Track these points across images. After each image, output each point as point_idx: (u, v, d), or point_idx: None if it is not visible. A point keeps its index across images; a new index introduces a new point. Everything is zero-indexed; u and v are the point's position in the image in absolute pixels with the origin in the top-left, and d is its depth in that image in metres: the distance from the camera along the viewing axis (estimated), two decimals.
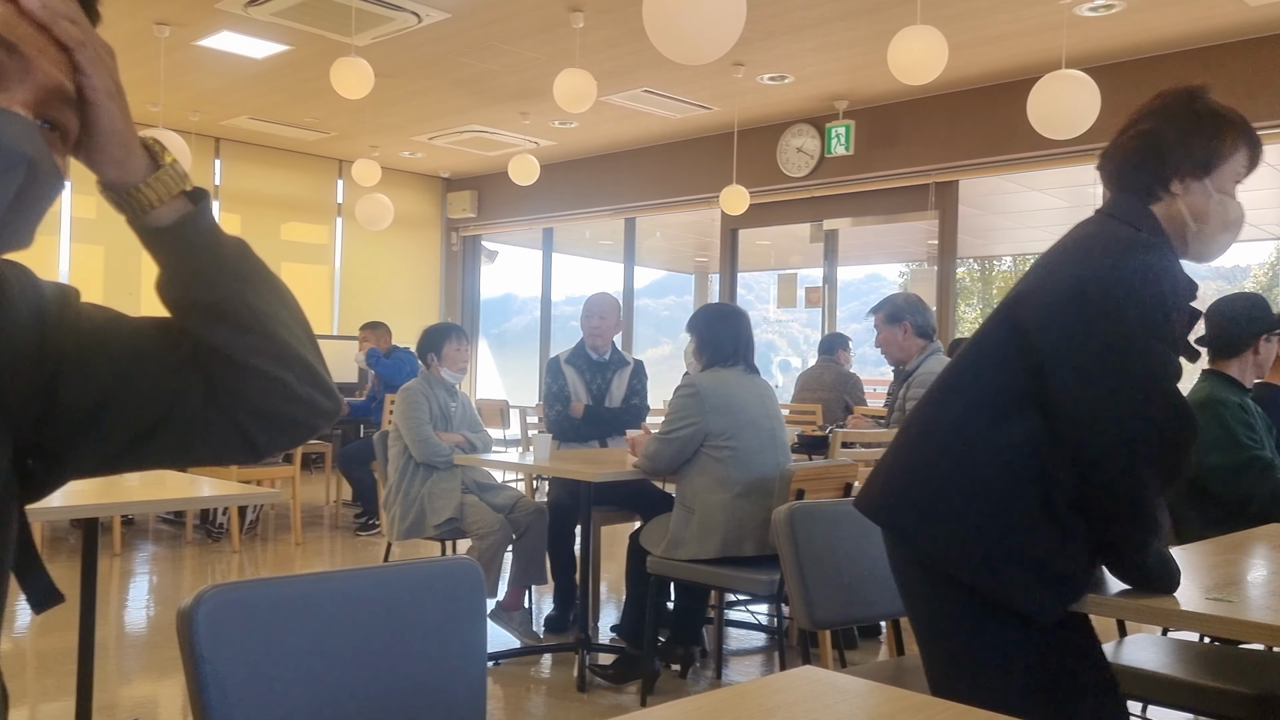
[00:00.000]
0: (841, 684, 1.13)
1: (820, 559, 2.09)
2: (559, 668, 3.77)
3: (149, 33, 6.29)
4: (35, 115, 0.77)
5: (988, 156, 7.07)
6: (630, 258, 9.96)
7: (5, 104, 0.74)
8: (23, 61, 0.75)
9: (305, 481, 8.30)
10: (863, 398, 6.45)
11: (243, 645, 1.12)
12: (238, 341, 0.90)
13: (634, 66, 6.84)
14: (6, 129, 0.73)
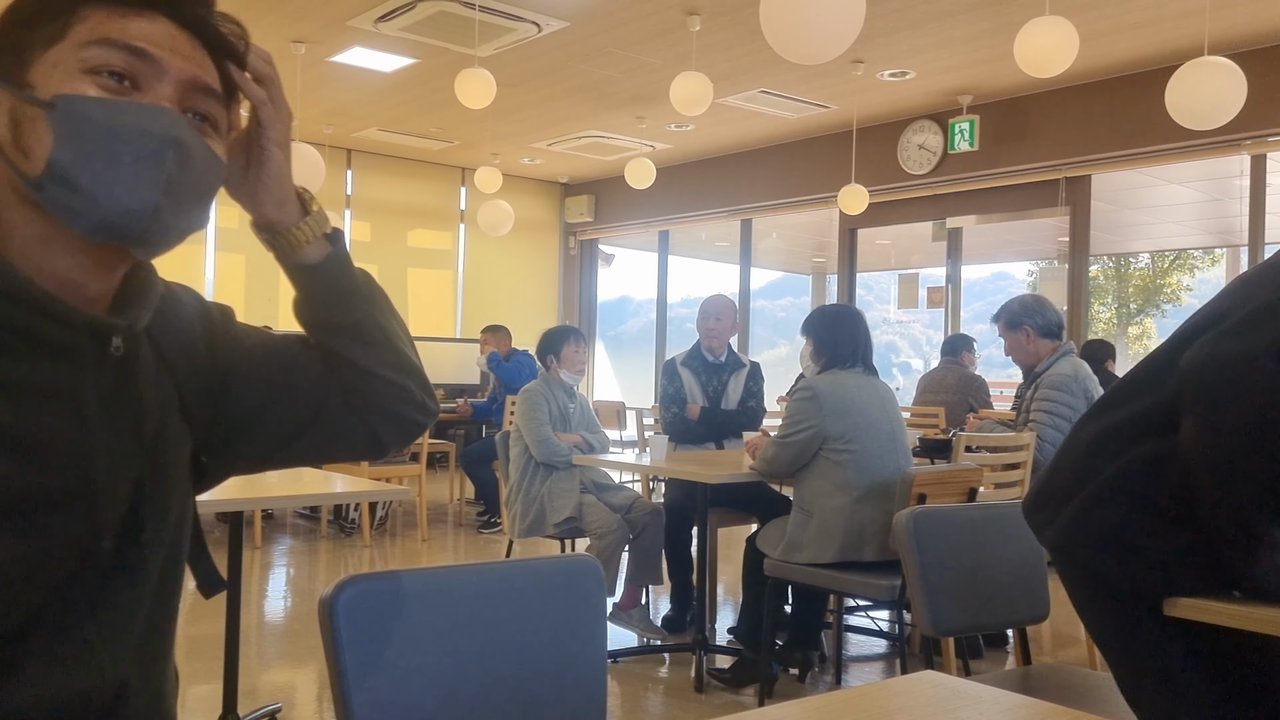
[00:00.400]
0: (964, 689, 1.11)
1: (944, 564, 2.05)
2: (676, 668, 3.79)
3: (287, 51, 6.60)
4: (180, 108, 0.86)
5: (1122, 149, 6.77)
6: (746, 259, 9.92)
7: (151, 100, 0.84)
8: (155, 64, 0.84)
9: (430, 480, 8.56)
10: (988, 400, 6.26)
11: (378, 632, 1.17)
12: (370, 355, 1.05)
13: (750, 68, 6.82)
14: (153, 119, 0.82)
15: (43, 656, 0.86)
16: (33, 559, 0.84)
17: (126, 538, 0.92)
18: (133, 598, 0.95)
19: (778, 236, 12.47)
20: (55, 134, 0.80)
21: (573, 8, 5.81)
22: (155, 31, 0.85)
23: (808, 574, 3.14)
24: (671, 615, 4.24)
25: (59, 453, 0.85)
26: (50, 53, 0.83)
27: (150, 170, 0.82)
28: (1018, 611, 2.20)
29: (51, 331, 0.84)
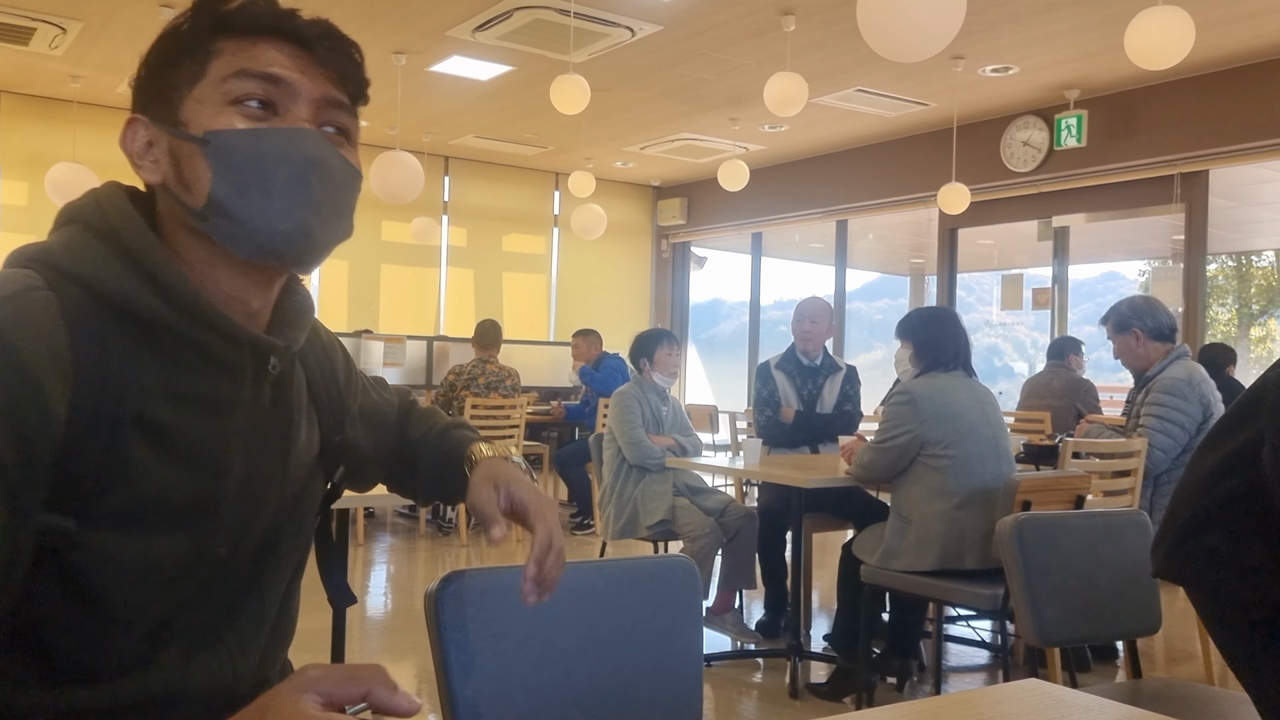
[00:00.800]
0: (1069, 699, 1.07)
1: (1049, 572, 1.98)
2: (771, 673, 3.76)
3: (388, 62, 6.78)
4: (316, 124, 0.93)
5: (1242, 143, 6.46)
6: (841, 260, 9.79)
7: (290, 123, 0.91)
8: (288, 87, 0.92)
9: None
10: (1097, 405, 6.04)
11: (479, 626, 1.19)
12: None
13: (847, 66, 6.73)
14: (295, 143, 0.90)
15: (181, 651, 0.92)
16: (184, 558, 0.90)
17: (267, 545, 0.99)
18: (267, 602, 1.02)
19: (874, 237, 12.27)
20: (212, 168, 0.89)
21: (666, 12, 5.82)
22: (283, 57, 0.92)
23: (906, 581, 3.07)
24: (765, 620, 4.20)
25: (217, 461, 0.92)
26: (195, 90, 0.91)
27: (299, 193, 0.90)
28: (1127, 623, 2.11)
29: (218, 347, 0.91)
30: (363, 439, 1.17)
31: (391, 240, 9.77)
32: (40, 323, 0.82)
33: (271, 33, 0.93)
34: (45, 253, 0.88)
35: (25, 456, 0.78)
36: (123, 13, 6.00)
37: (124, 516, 0.86)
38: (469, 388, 6.22)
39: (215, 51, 0.91)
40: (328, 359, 1.12)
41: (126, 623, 0.88)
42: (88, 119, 8.10)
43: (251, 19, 0.92)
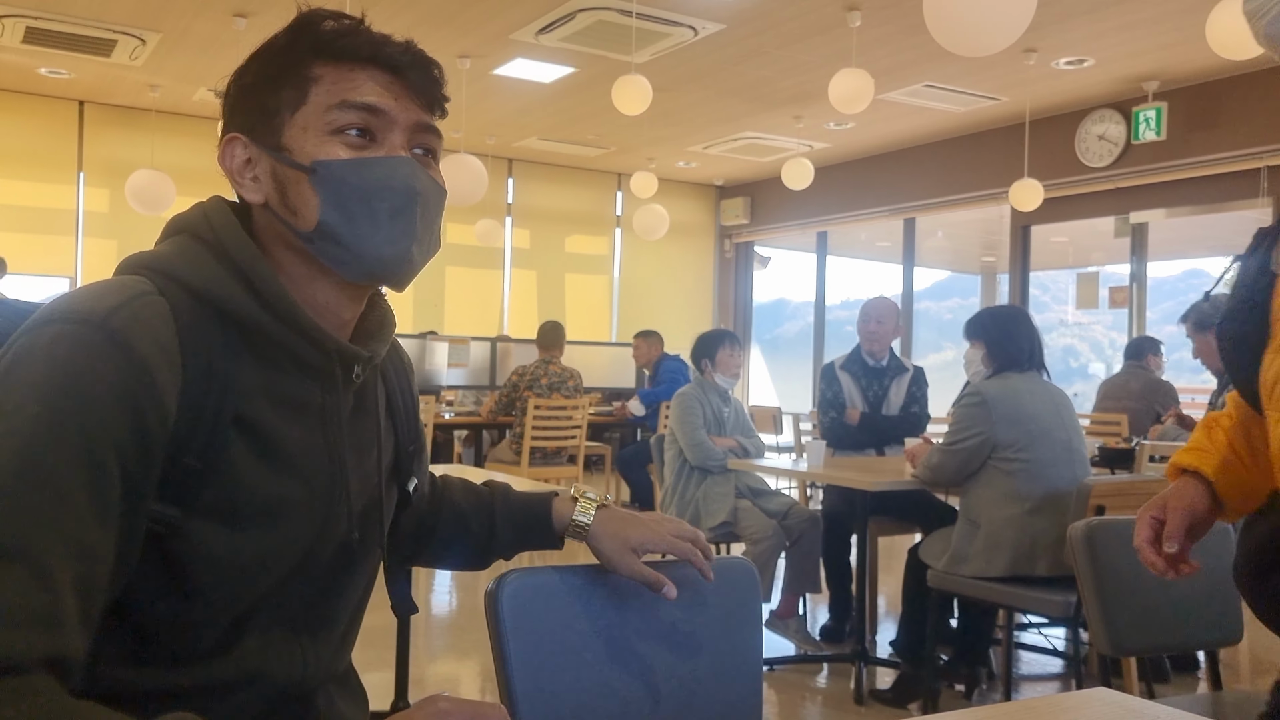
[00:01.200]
0: (1140, 709, 1.02)
1: (1124, 579, 1.91)
2: (835, 679, 3.71)
3: (453, 66, 6.86)
4: (409, 149, 0.99)
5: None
6: (909, 259, 9.63)
7: (389, 151, 0.96)
8: (385, 116, 0.96)
9: (587, 481, 8.70)
10: (1177, 408, 5.84)
11: (538, 624, 1.20)
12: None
13: (914, 61, 6.62)
14: (396, 173, 0.96)
15: (260, 641, 0.98)
16: (271, 554, 0.96)
17: (347, 548, 1.03)
18: (343, 603, 1.07)
19: (943, 235, 12.05)
20: (320, 196, 0.94)
21: (729, 10, 5.79)
22: (379, 86, 0.96)
23: (974, 587, 3.00)
24: (830, 625, 4.15)
25: (306, 462, 0.98)
26: (298, 116, 0.95)
27: (403, 223, 0.96)
28: (1207, 632, 2.03)
29: (309, 354, 0.97)
30: (417, 465, 1.21)
31: (456, 242, 9.89)
32: (154, 324, 0.88)
33: (368, 61, 0.96)
34: (156, 260, 0.94)
35: (143, 448, 0.84)
36: (199, 23, 6.16)
37: (220, 509, 0.91)
38: (532, 388, 6.26)
39: (314, 78, 0.95)
40: (405, 375, 1.17)
41: (214, 611, 0.93)
42: (166, 126, 8.35)
43: (351, 48, 0.96)
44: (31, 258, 8.06)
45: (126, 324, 0.85)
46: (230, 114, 1.00)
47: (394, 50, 0.97)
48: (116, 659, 0.90)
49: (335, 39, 0.96)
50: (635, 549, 1.18)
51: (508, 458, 6.35)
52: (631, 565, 1.18)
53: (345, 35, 0.96)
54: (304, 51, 0.96)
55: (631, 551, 1.18)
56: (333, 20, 0.98)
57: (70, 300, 0.87)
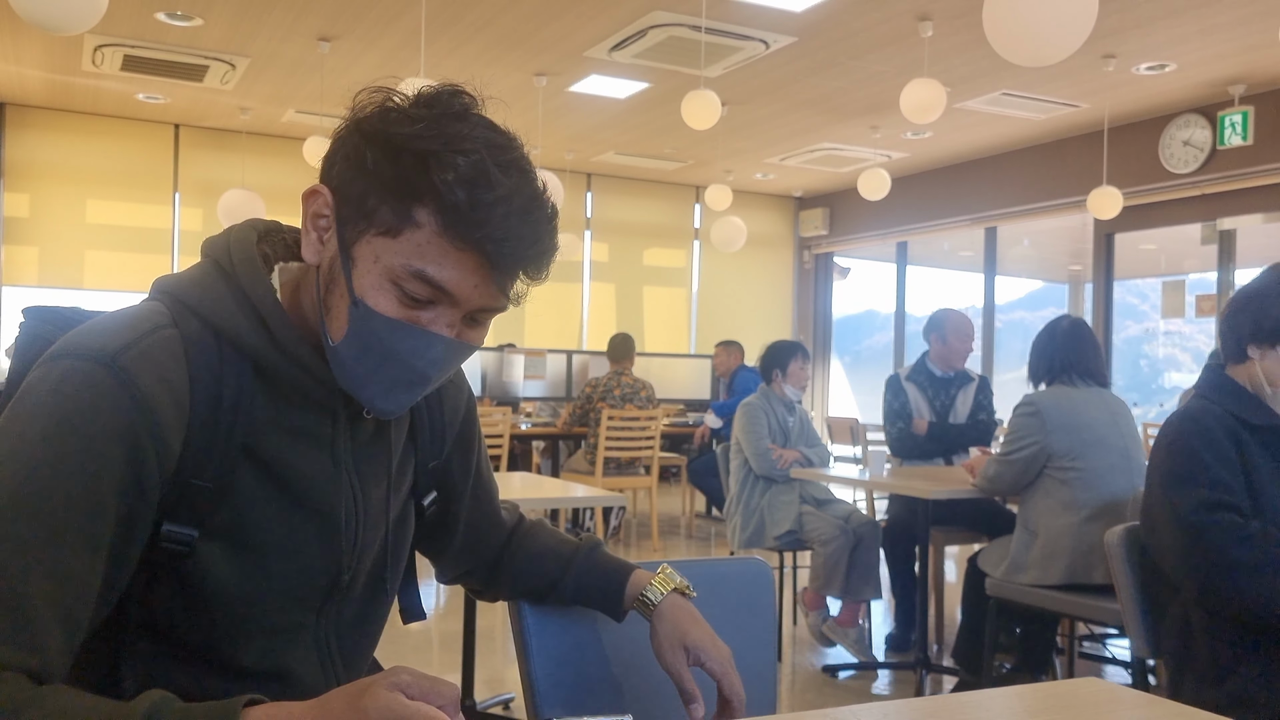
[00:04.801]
0: (1128, 697, 1.06)
1: (1163, 586, 1.91)
2: (899, 686, 3.71)
3: (529, 84, 7.05)
4: (460, 323, 0.94)
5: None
6: (990, 268, 9.48)
7: (435, 325, 0.92)
8: (454, 298, 0.92)
9: (664, 493, 8.78)
10: None
11: (562, 625, 1.27)
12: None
13: (991, 70, 6.55)
14: (424, 352, 0.93)
15: (295, 658, 1.02)
16: (295, 581, 0.99)
17: (375, 572, 1.09)
18: (374, 622, 1.12)
19: (1029, 244, 11.81)
20: (350, 328, 0.92)
21: (800, 23, 5.84)
22: (467, 273, 0.90)
23: (1032, 595, 2.99)
24: (896, 633, 4.15)
25: (321, 492, 1.00)
26: (379, 241, 0.90)
27: (403, 394, 0.96)
28: None
29: (317, 391, 0.98)
30: (460, 482, 1.21)
31: None
32: (163, 360, 0.91)
33: (474, 247, 0.89)
34: (178, 287, 0.97)
35: (141, 485, 0.88)
36: (285, 48, 6.47)
37: (233, 535, 0.95)
38: (605, 399, 6.37)
39: (415, 224, 0.89)
40: (440, 396, 1.15)
41: (237, 629, 0.97)
42: (255, 148, 8.74)
43: (465, 226, 0.88)
44: (130, 275, 8.50)
45: (134, 362, 0.89)
46: (332, 164, 0.94)
47: (507, 249, 0.90)
48: (166, 670, 0.96)
49: (456, 209, 0.88)
50: (688, 648, 1.14)
51: (583, 468, 6.47)
52: (676, 661, 1.14)
53: (472, 209, 0.88)
54: (425, 191, 0.88)
55: (683, 649, 1.14)
56: (471, 167, 0.88)
57: (88, 333, 0.91)
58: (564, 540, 1.27)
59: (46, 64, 7.02)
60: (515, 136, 0.97)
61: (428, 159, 0.88)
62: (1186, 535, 1.76)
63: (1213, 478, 1.77)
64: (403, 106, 0.93)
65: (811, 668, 3.91)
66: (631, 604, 1.20)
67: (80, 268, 8.38)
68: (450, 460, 1.18)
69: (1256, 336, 1.89)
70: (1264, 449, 1.83)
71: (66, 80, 7.42)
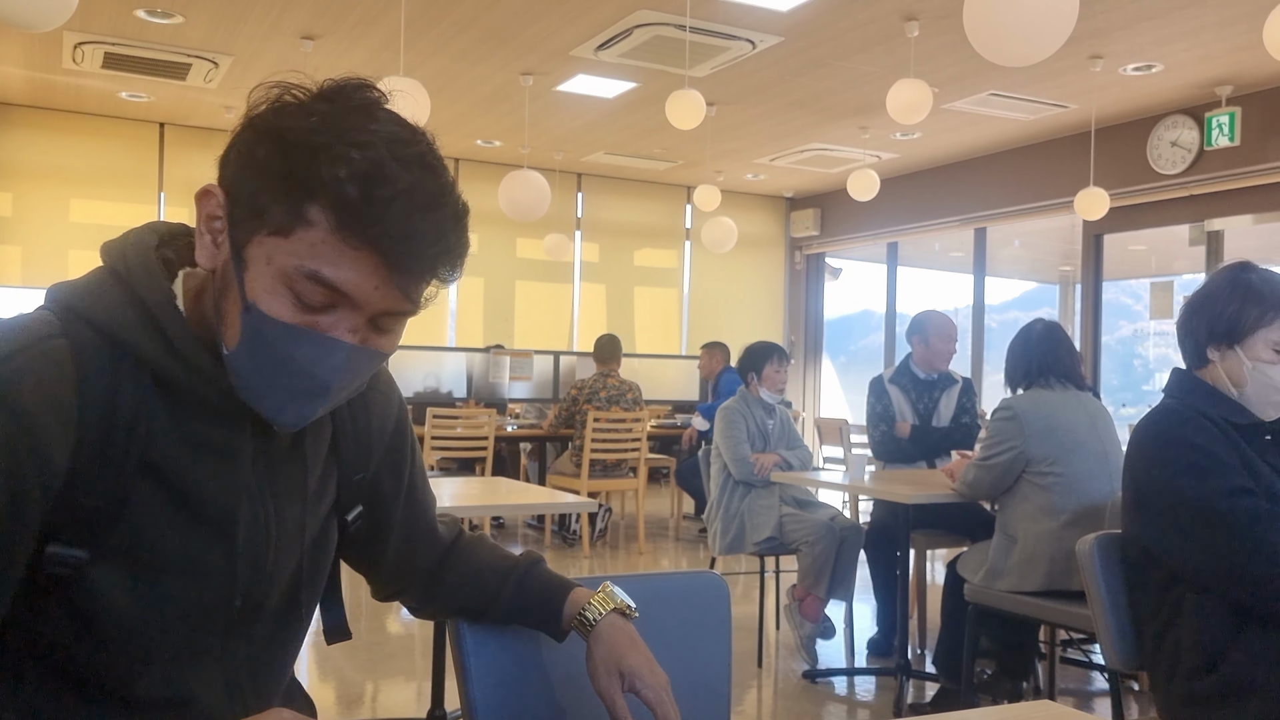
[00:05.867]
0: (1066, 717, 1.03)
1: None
2: (881, 692, 3.68)
3: (516, 84, 7.01)
4: (363, 329, 0.89)
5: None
6: (980, 269, 9.46)
7: (334, 330, 0.87)
8: (353, 301, 0.87)
9: (654, 494, 8.74)
10: None
11: (499, 640, 1.23)
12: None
13: (978, 70, 6.53)
14: (324, 360, 0.88)
15: (200, 686, 0.97)
16: (197, 606, 0.94)
17: (290, 595, 1.03)
18: (288, 649, 1.07)
19: (1020, 245, 11.80)
20: (243, 335, 0.88)
21: (786, 22, 5.80)
22: (365, 274, 0.85)
23: (1010, 602, 2.96)
24: (877, 638, 4.12)
25: (225, 510, 0.94)
26: (271, 242, 0.85)
27: (304, 405, 0.91)
28: None
29: (222, 402, 0.93)
30: (391, 495, 1.15)
31: (526, 257, 10.05)
32: (46, 374, 0.86)
33: (371, 246, 0.84)
34: (70, 294, 0.92)
35: (16, 503, 0.83)
36: (268, 47, 6.42)
37: (128, 556, 0.89)
38: (591, 401, 6.34)
39: (308, 222, 0.84)
40: (366, 405, 1.09)
41: (134, 656, 0.92)
42: None
43: (360, 223, 0.83)
44: None
45: (13, 376, 0.84)
46: (226, 162, 0.90)
47: (407, 248, 0.85)
48: (55, 701, 0.90)
49: (350, 206, 0.83)
50: (623, 673, 1.10)
51: (568, 470, 6.44)
52: (610, 687, 1.09)
53: (367, 206, 0.83)
54: (316, 188, 0.83)
55: (618, 674, 1.10)
56: (367, 162, 0.83)
57: None
58: (503, 556, 1.22)
59: (26, 62, 6.97)
60: (424, 132, 0.90)
61: (319, 153, 0.83)
62: (1217, 524, 1.73)
63: (1229, 465, 1.76)
64: (300, 100, 0.88)
65: (792, 674, 3.88)
66: (570, 623, 1.16)
67: (64, 268, 8.32)
68: (379, 473, 1.12)
69: (1213, 338, 1.89)
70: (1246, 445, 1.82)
71: (48, 79, 7.36)
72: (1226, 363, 1.87)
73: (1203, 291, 1.94)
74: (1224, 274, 1.92)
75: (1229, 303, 1.87)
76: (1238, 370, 1.86)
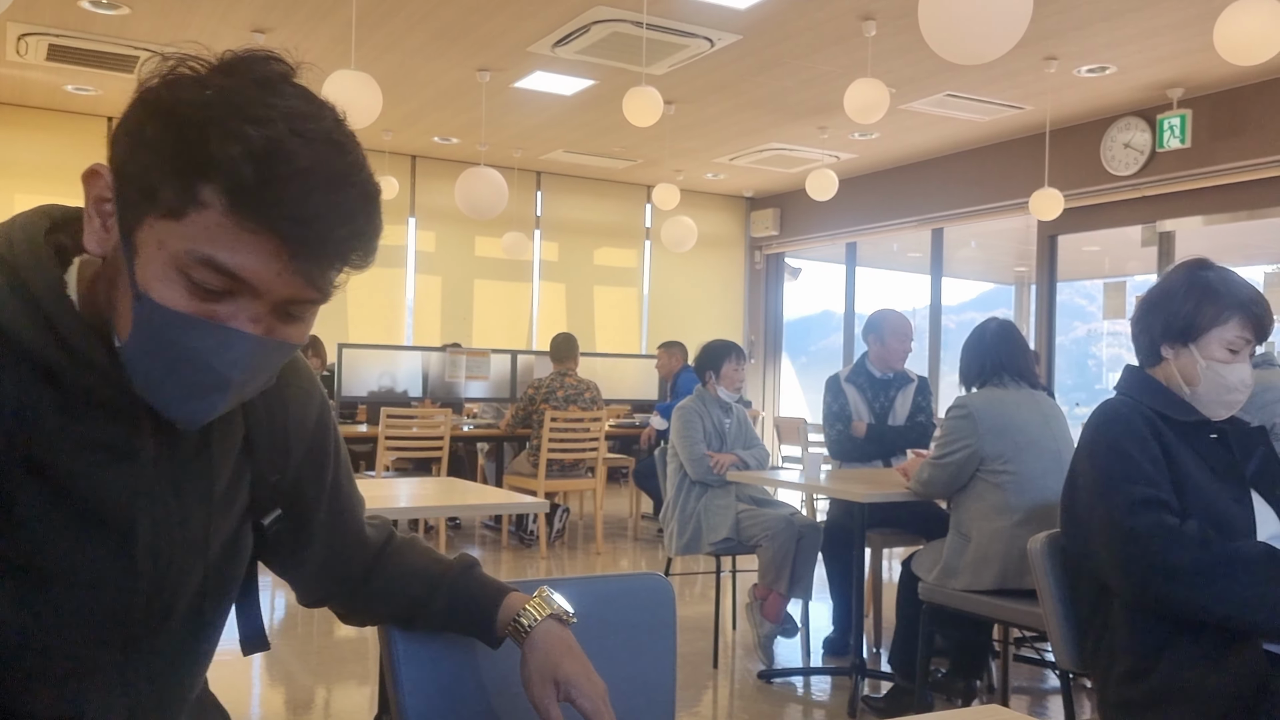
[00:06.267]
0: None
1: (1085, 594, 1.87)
2: (837, 692, 3.67)
3: (472, 80, 6.93)
4: (267, 319, 0.83)
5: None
6: (937, 270, 9.53)
7: (235, 321, 0.81)
8: (253, 289, 0.81)
9: (613, 494, 8.71)
10: None
11: (435, 646, 1.18)
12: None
13: (934, 71, 6.56)
14: (223, 352, 0.82)
15: (98, 704, 0.91)
16: (93, 615, 0.88)
17: (194, 604, 0.96)
18: (196, 661, 1.01)
19: (976, 245, 11.91)
20: (135, 326, 0.82)
21: (744, 21, 5.79)
22: (265, 259, 0.79)
23: (964, 600, 2.95)
24: (834, 637, 4.11)
25: (120, 513, 0.88)
26: (162, 225, 0.79)
27: (203, 400, 0.84)
28: None
29: (111, 395, 0.86)
30: (313, 498, 1.09)
31: (484, 255, 9.97)
32: None
33: (269, 229, 0.78)
34: None
35: None
36: (218, 39, 6.17)
37: (12, 563, 0.83)
38: (548, 401, 6.28)
39: (200, 204, 0.78)
40: (284, 403, 1.03)
41: (22, 673, 0.86)
42: None
43: (255, 206, 0.77)
44: None
45: None
46: (116, 139, 0.83)
47: (309, 231, 0.79)
48: None
49: (244, 185, 0.76)
50: (559, 682, 1.06)
51: (526, 470, 6.38)
52: (544, 696, 1.05)
53: (263, 186, 0.77)
54: (209, 166, 0.77)
55: (553, 683, 1.06)
56: (264, 139, 0.77)
57: None
58: (436, 560, 1.17)
59: None
60: (332, 107, 0.84)
61: (211, 129, 0.77)
62: (1120, 539, 1.72)
63: (1142, 475, 1.74)
64: (196, 73, 0.82)
65: (748, 674, 3.86)
66: (504, 630, 1.11)
67: None
68: (300, 474, 1.06)
69: (1168, 336, 1.87)
70: (1187, 445, 1.80)
71: None
72: (1180, 361, 1.86)
73: (1159, 288, 1.92)
74: (1181, 271, 1.91)
75: (1185, 301, 1.85)
76: (1191, 369, 1.85)
